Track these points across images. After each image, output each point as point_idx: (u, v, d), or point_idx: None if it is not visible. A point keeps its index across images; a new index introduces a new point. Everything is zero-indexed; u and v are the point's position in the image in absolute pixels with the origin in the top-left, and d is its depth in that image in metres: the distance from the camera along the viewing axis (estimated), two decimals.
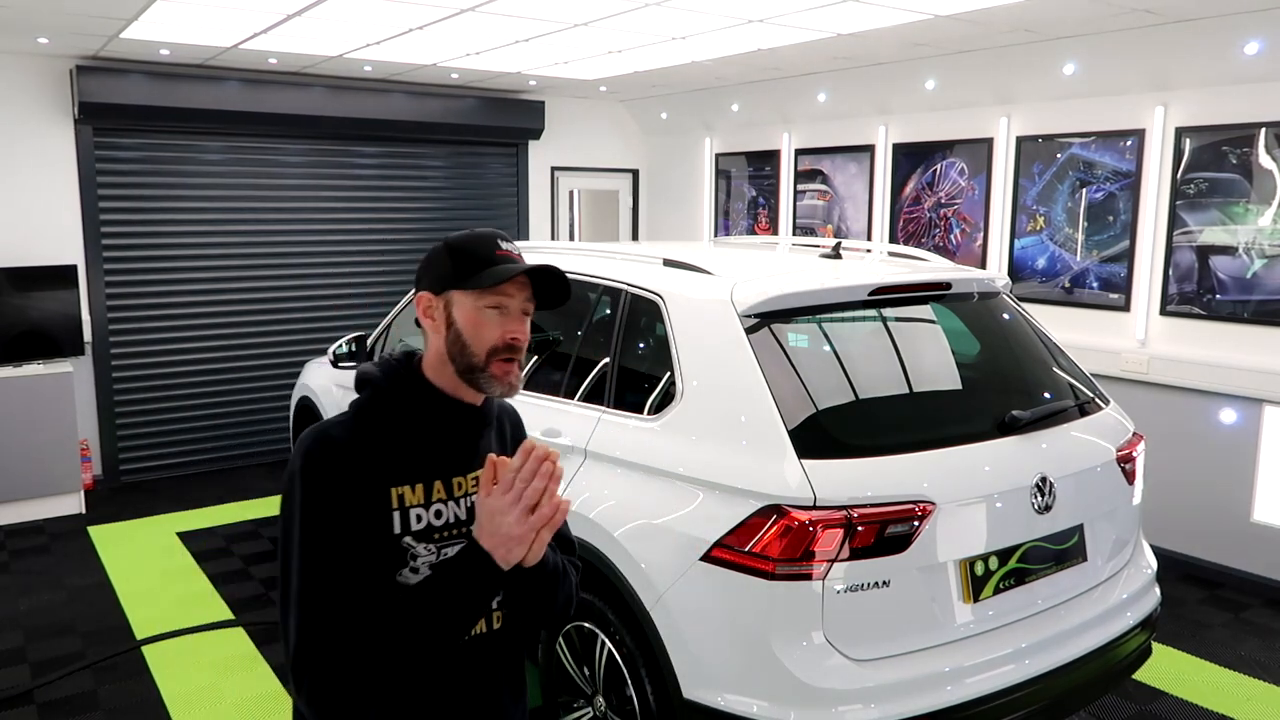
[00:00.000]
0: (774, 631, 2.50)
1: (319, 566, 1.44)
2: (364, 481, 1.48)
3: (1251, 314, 4.80)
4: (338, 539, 1.45)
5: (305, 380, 5.57)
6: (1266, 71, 4.61)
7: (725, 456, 2.67)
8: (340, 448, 1.49)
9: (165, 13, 4.79)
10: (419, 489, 1.53)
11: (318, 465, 1.47)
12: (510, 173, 8.06)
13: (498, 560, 1.44)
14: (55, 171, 6.21)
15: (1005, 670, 2.67)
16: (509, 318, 1.55)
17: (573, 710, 3.14)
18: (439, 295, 1.56)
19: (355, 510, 1.47)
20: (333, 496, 1.46)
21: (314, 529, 1.45)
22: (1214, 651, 4.24)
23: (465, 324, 1.54)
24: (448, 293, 1.55)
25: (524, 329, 1.57)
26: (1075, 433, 3.06)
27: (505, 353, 1.55)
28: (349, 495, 1.47)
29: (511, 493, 1.43)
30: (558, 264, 3.84)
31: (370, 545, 1.48)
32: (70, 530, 5.75)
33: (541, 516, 1.44)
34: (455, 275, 1.54)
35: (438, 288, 1.56)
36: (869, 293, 2.97)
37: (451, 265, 1.55)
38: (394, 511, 1.50)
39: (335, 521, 1.45)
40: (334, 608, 1.42)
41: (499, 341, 1.54)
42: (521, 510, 1.43)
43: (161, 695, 3.85)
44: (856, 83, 6.41)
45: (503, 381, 1.56)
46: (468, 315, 1.54)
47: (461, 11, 4.67)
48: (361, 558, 1.46)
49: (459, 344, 1.54)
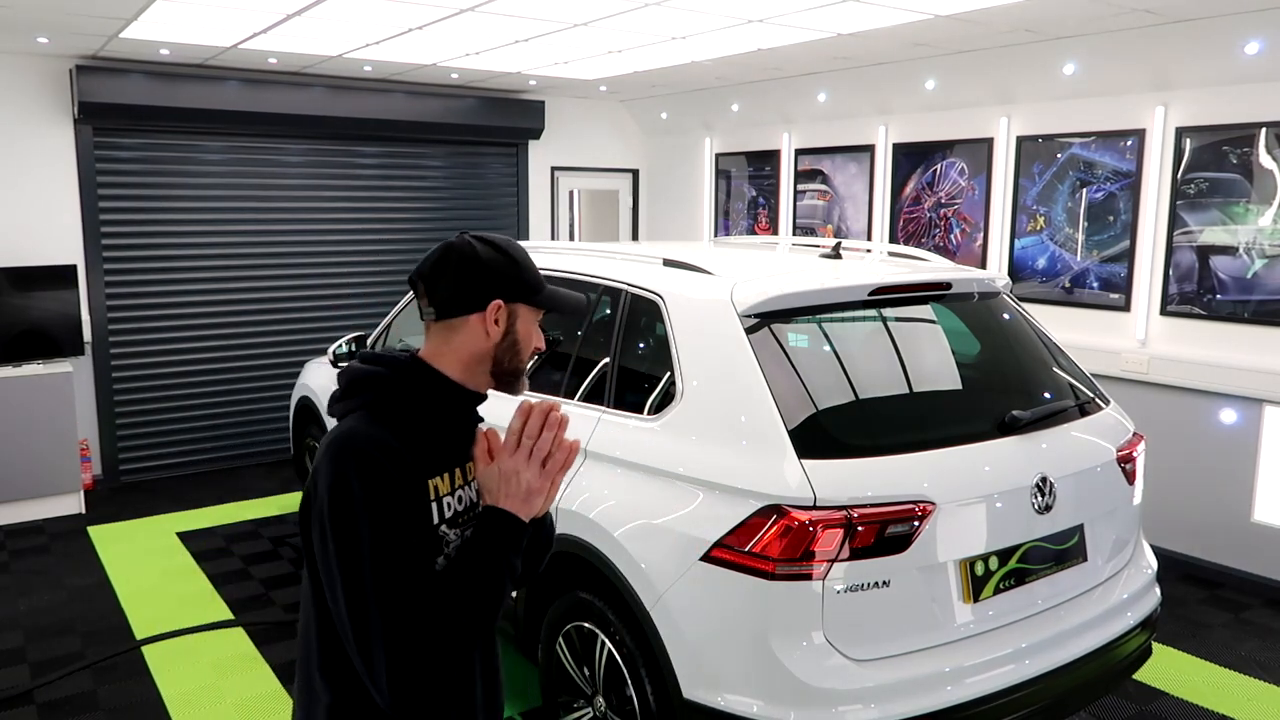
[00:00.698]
0: (774, 631, 2.50)
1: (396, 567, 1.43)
2: (409, 477, 1.51)
3: (1251, 314, 4.80)
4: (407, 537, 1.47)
5: (305, 380, 5.57)
6: (1266, 71, 4.61)
7: (725, 456, 2.67)
8: (385, 447, 1.50)
9: (165, 13, 4.79)
10: (446, 478, 1.59)
11: (375, 466, 1.47)
12: (510, 173, 8.06)
13: (521, 515, 1.53)
14: (55, 171, 6.21)
15: (1005, 670, 2.67)
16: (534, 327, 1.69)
17: (573, 710, 3.14)
18: (509, 305, 1.63)
19: (410, 506, 1.51)
20: (394, 495, 1.48)
21: (386, 530, 1.44)
22: (1214, 651, 4.24)
23: (524, 334, 1.64)
24: (517, 305, 1.63)
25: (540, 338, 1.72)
26: (1075, 433, 3.06)
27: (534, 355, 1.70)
28: (403, 492, 1.49)
29: (521, 450, 1.55)
30: (558, 264, 3.85)
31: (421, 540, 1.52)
32: (70, 530, 5.75)
33: (556, 463, 1.57)
34: (527, 289, 1.63)
35: (509, 296, 1.62)
36: (869, 293, 2.97)
37: (520, 278, 1.63)
38: (432, 503, 1.55)
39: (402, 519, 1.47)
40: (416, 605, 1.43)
41: (539, 346, 1.69)
42: (536, 463, 1.54)
43: (161, 695, 3.85)
44: (856, 83, 6.41)
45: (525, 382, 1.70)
46: (527, 326, 1.65)
47: (461, 11, 4.67)
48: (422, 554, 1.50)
49: (513, 350, 1.64)
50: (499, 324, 1.62)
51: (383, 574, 1.42)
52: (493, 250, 1.63)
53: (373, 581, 1.42)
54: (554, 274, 3.65)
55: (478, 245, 1.62)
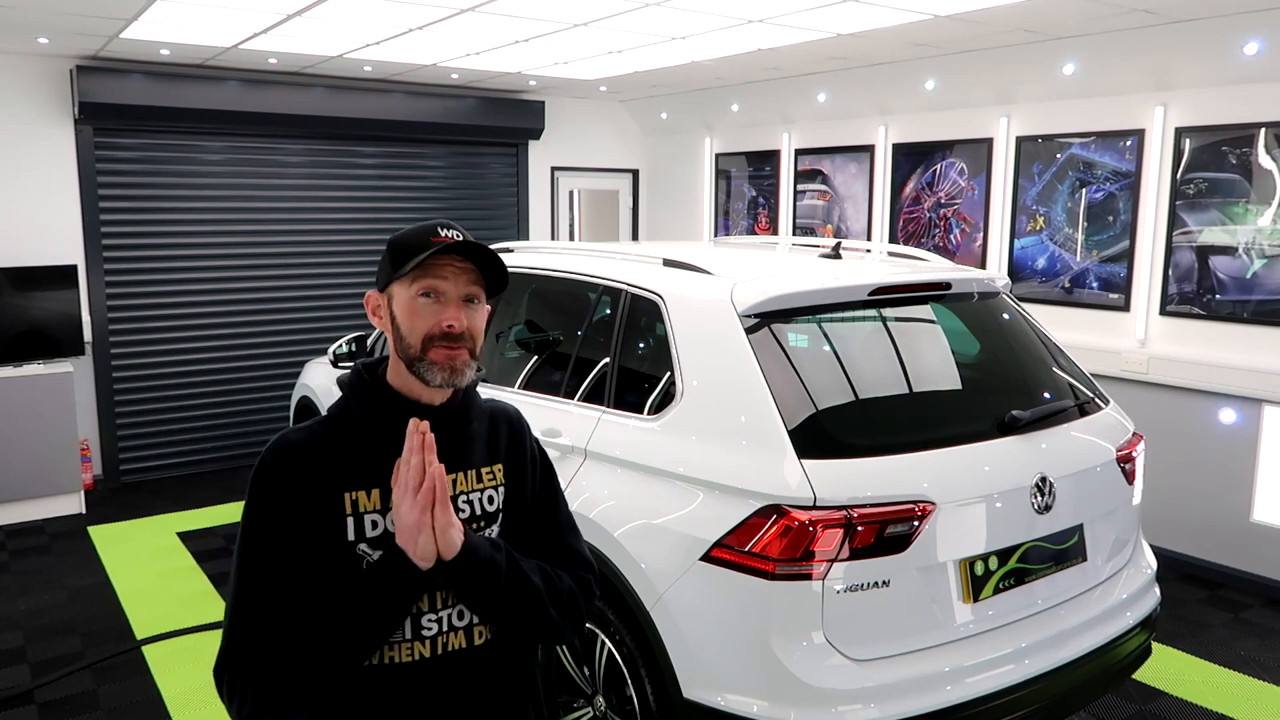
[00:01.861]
0: (774, 631, 2.50)
1: (252, 573, 1.45)
2: (314, 487, 1.46)
3: (1251, 314, 4.80)
4: (273, 546, 1.44)
5: (305, 380, 5.57)
6: (1266, 71, 4.61)
7: (725, 456, 2.67)
8: (294, 453, 1.48)
9: (165, 13, 4.79)
10: (375, 494, 1.48)
11: (266, 473, 1.47)
12: (510, 173, 8.06)
13: (411, 556, 1.39)
14: (55, 171, 6.21)
15: (1005, 670, 2.67)
16: (445, 305, 1.49)
17: (573, 710, 3.14)
18: (383, 292, 1.54)
19: (301, 516, 1.45)
20: (275, 504, 1.45)
21: (251, 535, 1.46)
22: (1214, 651, 4.24)
23: (401, 315, 1.50)
24: (389, 288, 1.53)
25: (461, 316, 1.49)
26: (1075, 433, 3.06)
27: (441, 340, 1.48)
28: (295, 502, 1.45)
29: (399, 480, 1.39)
30: (558, 264, 3.86)
31: (322, 551, 1.45)
32: (70, 530, 5.75)
33: (425, 493, 1.37)
34: (393, 268, 1.51)
35: (381, 284, 1.55)
36: (869, 293, 2.97)
37: (390, 259, 1.52)
38: (347, 517, 1.46)
39: (273, 528, 1.44)
40: (261, 613, 1.42)
41: (434, 329, 1.48)
42: (409, 494, 1.37)
43: (161, 695, 3.85)
44: (856, 83, 6.41)
45: (444, 367, 1.47)
46: (403, 306, 1.50)
47: (461, 11, 4.67)
48: (308, 564, 1.44)
49: (399, 336, 1.50)
50: (380, 316, 1.55)
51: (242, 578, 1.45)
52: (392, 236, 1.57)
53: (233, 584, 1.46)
54: (554, 274, 3.65)
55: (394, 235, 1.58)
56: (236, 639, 1.43)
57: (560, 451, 3.12)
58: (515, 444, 1.67)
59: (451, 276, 1.49)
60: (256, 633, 1.42)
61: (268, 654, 1.41)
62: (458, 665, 1.54)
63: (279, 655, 1.41)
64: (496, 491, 1.61)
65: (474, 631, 1.55)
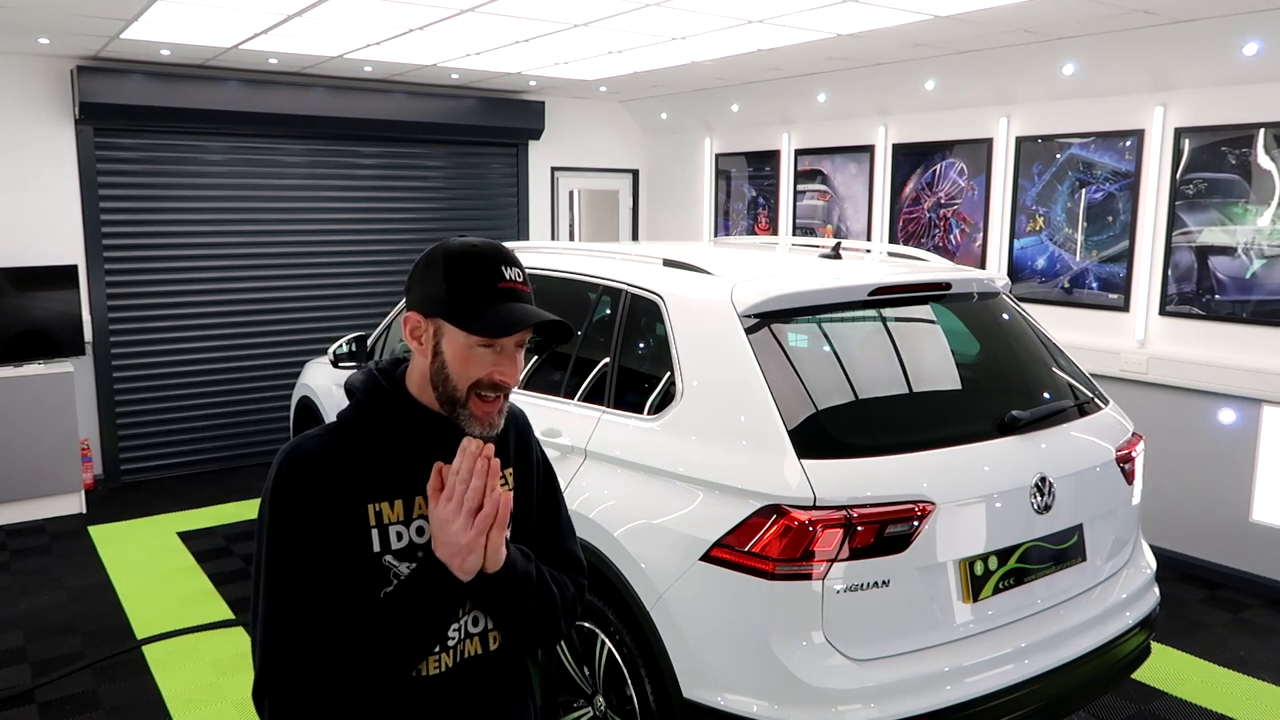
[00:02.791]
0: (774, 631, 2.50)
1: (284, 589, 1.39)
2: (337, 498, 1.42)
3: (1251, 314, 4.80)
4: (303, 560, 1.40)
5: (305, 380, 5.57)
6: (1266, 72, 4.61)
7: (725, 456, 2.68)
8: (312, 463, 1.43)
9: (165, 13, 4.79)
10: (398, 505, 1.46)
11: (286, 483, 1.42)
12: (510, 173, 8.06)
13: (454, 571, 1.38)
14: (56, 172, 6.21)
15: (1005, 670, 2.67)
16: (501, 356, 1.44)
17: (573, 710, 3.15)
18: (429, 319, 1.44)
19: (326, 529, 1.41)
20: (300, 516, 1.40)
21: (279, 549, 1.40)
22: (1213, 651, 4.24)
23: (453, 357, 1.43)
24: (438, 320, 1.43)
25: (515, 369, 1.46)
26: (1075, 433, 3.06)
27: (489, 390, 1.44)
28: (319, 514, 1.41)
29: (454, 499, 1.37)
30: (558, 264, 3.86)
31: (348, 564, 1.42)
32: (70, 530, 5.75)
33: (485, 517, 1.37)
34: (450, 306, 1.41)
35: (429, 310, 1.44)
36: (869, 293, 2.97)
37: (447, 291, 1.42)
38: (372, 529, 1.44)
39: (301, 542, 1.40)
40: (297, 631, 1.38)
41: (485, 377, 1.43)
42: (466, 514, 1.37)
43: (162, 695, 3.85)
44: (856, 83, 6.41)
45: (482, 422, 1.45)
46: (457, 350, 1.42)
47: (461, 12, 4.67)
48: (336, 578, 1.41)
49: (442, 375, 1.44)
50: (421, 341, 1.45)
51: (272, 595, 1.40)
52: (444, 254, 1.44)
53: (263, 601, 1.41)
54: (554, 274, 3.66)
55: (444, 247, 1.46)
56: (274, 659, 1.38)
57: (560, 451, 3.12)
58: (523, 448, 1.67)
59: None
60: (294, 651, 1.37)
61: (307, 673, 1.37)
62: (476, 671, 1.55)
63: (319, 674, 1.37)
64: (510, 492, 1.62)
65: (488, 637, 1.56)
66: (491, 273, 1.42)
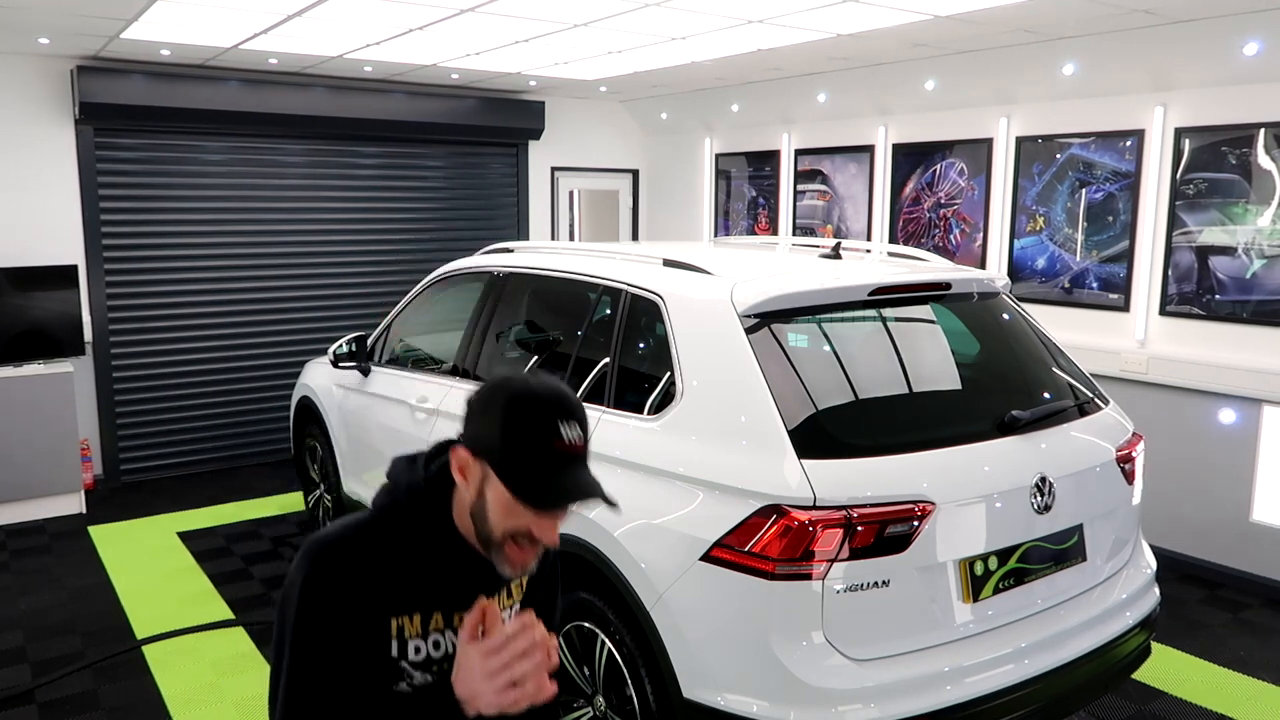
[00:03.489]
0: (774, 631, 2.50)
1: (306, 680, 1.44)
2: (363, 609, 1.45)
3: (1251, 314, 4.80)
4: (327, 661, 1.44)
5: (305, 380, 5.57)
6: (1266, 72, 4.61)
7: (725, 456, 2.68)
8: (342, 571, 1.45)
9: (165, 13, 4.79)
10: (417, 619, 1.49)
11: (317, 588, 1.44)
12: (510, 173, 8.06)
13: (467, 710, 1.40)
14: (56, 172, 6.21)
15: (1005, 670, 2.67)
16: (545, 518, 1.42)
17: (573, 710, 3.15)
18: (477, 460, 1.42)
19: (351, 636, 1.44)
20: (328, 623, 1.43)
21: (306, 649, 1.44)
22: (1213, 651, 4.24)
23: (494, 506, 1.41)
24: (487, 467, 1.41)
25: (555, 531, 1.44)
26: (1075, 433, 3.06)
27: (526, 540, 1.44)
28: (345, 622, 1.44)
29: (496, 660, 1.36)
30: (558, 264, 3.85)
31: (366, 664, 1.46)
32: (70, 530, 5.75)
33: (524, 695, 1.37)
34: (501, 461, 1.39)
35: (479, 454, 1.42)
36: (869, 293, 2.97)
37: (501, 443, 1.39)
38: (392, 639, 1.48)
39: (327, 646, 1.43)
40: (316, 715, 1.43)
41: (524, 530, 1.42)
42: (504, 683, 1.36)
43: (161, 695, 3.85)
44: (856, 83, 6.41)
45: (515, 565, 1.45)
46: (500, 501, 1.40)
47: (461, 12, 4.67)
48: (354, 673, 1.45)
49: (482, 517, 1.43)
50: (466, 477, 1.43)
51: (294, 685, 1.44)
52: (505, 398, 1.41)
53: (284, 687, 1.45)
54: (554, 274, 3.65)
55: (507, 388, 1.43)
56: None
57: None
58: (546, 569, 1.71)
59: None
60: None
61: None
62: None
63: None
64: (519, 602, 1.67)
65: None
66: (548, 431, 1.39)
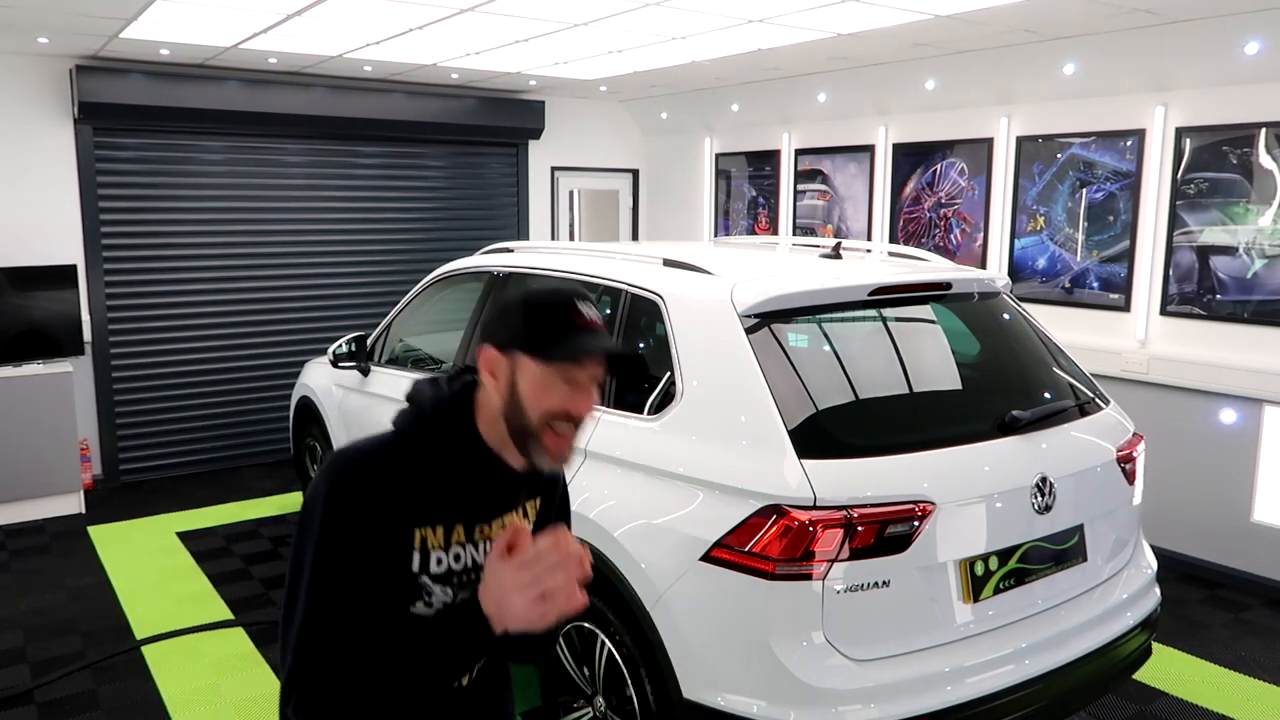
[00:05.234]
0: (774, 631, 2.50)
1: (327, 597, 1.41)
2: (388, 519, 1.44)
3: (1251, 314, 4.80)
4: (350, 574, 1.42)
5: (305, 380, 5.57)
6: (1266, 71, 4.61)
7: (725, 456, 2.67)
8: (369, 480, 1.44)
9: (165, 13, 4.79)
10: (439, 531, 1.50)
11: (342, 497, 1.43)
12: (510, 173, 8.06)
13: (494, 626, 1.39)
14: (55, 171, 6.21)
15: (1005, 670, 2.67)
16: (577, 389, 1.45)
17: (573, 710, 3.14)
18: (505, 354, 1.46)
19: (375, 547, 1.43)
20: (353, 531, 1.42)
21: (328, 560, 1.42)
22: (1214, 651, 4.24)
23: (528, 390, 1.44)
24: (514, 354, 1.45)
25: (590, 402, 1.47)
26: (1075, 433, 3.06)
27: (564, 422, 1.46)
28: (370, 531, 1.43)
29: (529, 574, 1.35)
30: (558, 264, 3.85)
31: (386, 579, 1.45)
32: (70, 530, 5.75)
33: (555, 608, 1.37)
34: (527, 339, 1.44)
35: (505, 346, 1.46)
36: (869, 293, 2.97)
37: (525, 326, 1.45)
38: (414, 551, 1.47)
39: (351, 556, 1.42)
40: (334, 638, 1.40)
41: (559, 409, 1.45)
42: (535, 596, 1.36)
43: (161, 695, 3.85)
44: (856, 83, 6.41)
45: (554, 455, 1.47)
46: (533, 382, 1.44)
47: (461, 11, 4.67)
48: (374, 590, 1.43)
49: (516, 409, 1.45)
50: (496, 377, 1.47)
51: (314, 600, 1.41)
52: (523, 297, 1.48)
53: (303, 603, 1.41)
54: (554, 274, 3.65)
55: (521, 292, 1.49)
56: (307, 661, 1.40)
57: None
58: (551, 481, 1.72)
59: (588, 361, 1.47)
60: (328, 658, 1.39)
61: (338, 679, 1.39)
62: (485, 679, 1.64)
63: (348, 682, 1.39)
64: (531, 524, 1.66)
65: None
66: (569, 308, 1.46)
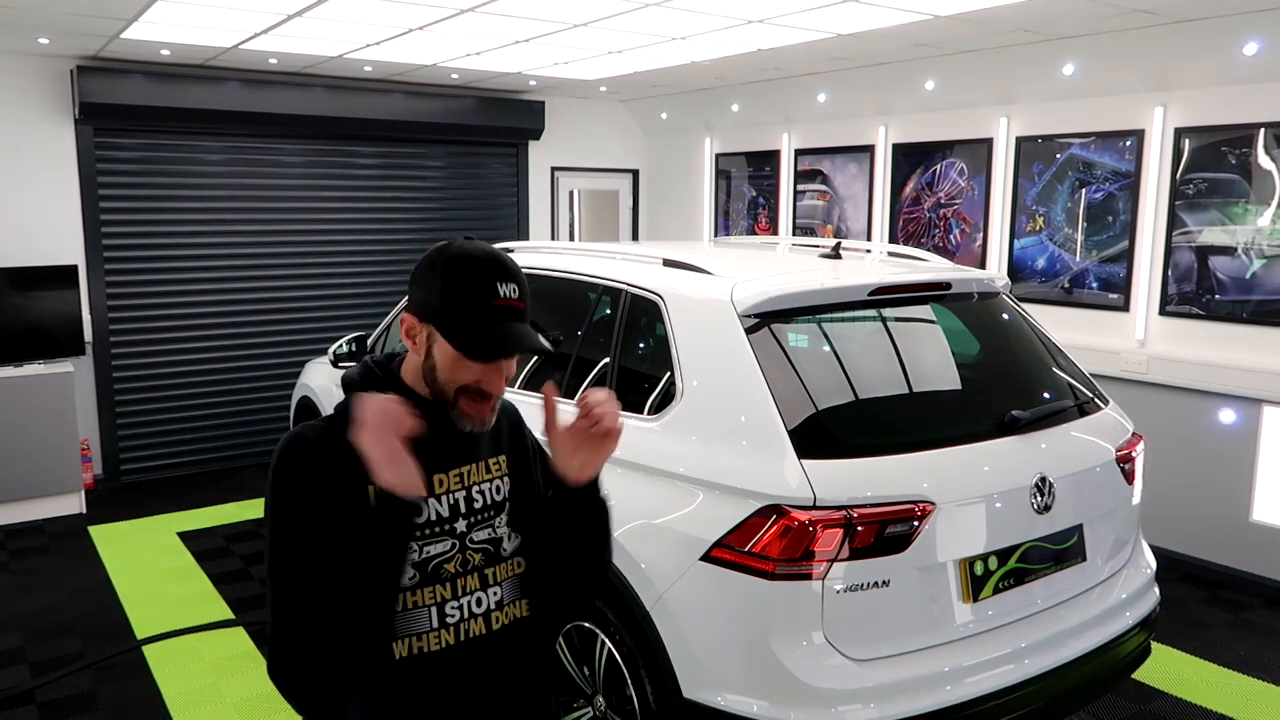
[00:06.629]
0: (774, 631, 2.50)
1: (289, 563, 1.44)
2: (340, 480, 1.45)
3: (1251, 314, 4.80)
4: (311, 540, 1.43)
5: (305, 380, 5.57)
6: (1266, 71, 4.61)
7: (725, 456, 2.68)
8: (314, 447, 1.48)
9: (165, 13, 4.79)
10: None
11: (290, 467, 1.47)
12: (510, 173, 8.06)
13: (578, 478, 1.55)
14: (56, 172, 6.21)
15: (1004, 670, 2.67)
16: (489, 368, 1.50)
17: (573, 710, 3.15)
18: (423, 324, 1.50)
19: (331, 509, 1.44)
20: (305, 497, 1.45)
21: (286, 530, 1.45)
22: (1214, 651, 4.24)
23: (442, 364, 1.49)
24: (430, 327, 1.49)
25: (501, 382, 1.52)
26: (1075, 433, 3.06)
27: (476, 395, 1.50)
28: (324, 495, 1.45)
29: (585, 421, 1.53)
30: (558, 264, 3.85)
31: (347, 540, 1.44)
32: (70, 530, 5.75)
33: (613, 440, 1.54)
34: (442, 319, 1.47)
35: (423, 316, 1.50)
36: (869, 293, 2.97)
37: (441, 302, 1.47)
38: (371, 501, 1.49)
39: (308, 522, 1.44)
40: (304, 603, 1.42)
41: (473, 385, 1.50)
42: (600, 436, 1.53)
43: (161, 695, 3.85)
44: (856, 83, 6.41)
45: (473, 418, 1.52)
46: (446, 358, 1.48)
47: (461, 11, 4.67)
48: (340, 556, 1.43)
49: (432, 375, 1.51)
50: (415, 340, 1.51)
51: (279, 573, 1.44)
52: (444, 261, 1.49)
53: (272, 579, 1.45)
54: (554, 274, 3.65)
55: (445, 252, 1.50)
56: (286, 635, 1.42)
57: None
58: (516, 437, 1.73)
59: None
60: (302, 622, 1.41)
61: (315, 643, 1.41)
62: (479, 650, 1.59)
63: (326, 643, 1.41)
64: (503, 481, 1.66)
65: (491, 617, 1.60)
66: (486, 289, 1.47)
